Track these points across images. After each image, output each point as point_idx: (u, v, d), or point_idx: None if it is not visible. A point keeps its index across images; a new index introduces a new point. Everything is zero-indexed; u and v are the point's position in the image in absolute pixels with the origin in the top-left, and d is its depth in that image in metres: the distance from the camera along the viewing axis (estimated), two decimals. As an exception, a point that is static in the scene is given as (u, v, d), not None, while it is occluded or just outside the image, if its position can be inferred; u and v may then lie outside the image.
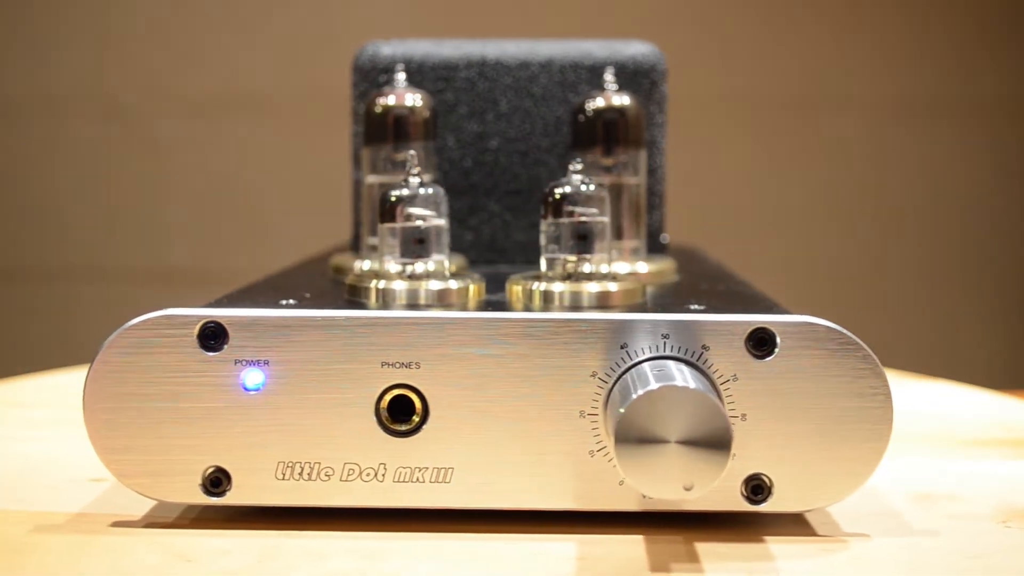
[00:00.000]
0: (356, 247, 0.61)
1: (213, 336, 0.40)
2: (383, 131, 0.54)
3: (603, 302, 0.44)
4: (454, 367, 0.40)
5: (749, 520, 0.42)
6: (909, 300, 1.29)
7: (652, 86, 0.59)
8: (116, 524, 0.41)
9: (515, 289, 0.46)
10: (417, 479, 0.40)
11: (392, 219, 0.46)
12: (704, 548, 0.39)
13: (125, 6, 1.17)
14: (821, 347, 0.40)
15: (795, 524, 0.42)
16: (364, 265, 0.53)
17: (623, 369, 0.40)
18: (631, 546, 0.39)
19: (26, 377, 0.69)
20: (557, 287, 0.45)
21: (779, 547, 0.39)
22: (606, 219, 0.46)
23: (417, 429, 0.40)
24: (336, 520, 0.41)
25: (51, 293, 1.14)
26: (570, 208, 0.46)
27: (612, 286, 0.44)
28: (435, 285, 0.44)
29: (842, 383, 0.40)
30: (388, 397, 0.40)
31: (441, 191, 0.46)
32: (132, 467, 0.40)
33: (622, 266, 0.53)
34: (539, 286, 0.45)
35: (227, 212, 1.09)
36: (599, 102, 0.54)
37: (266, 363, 0.40)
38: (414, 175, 0.47)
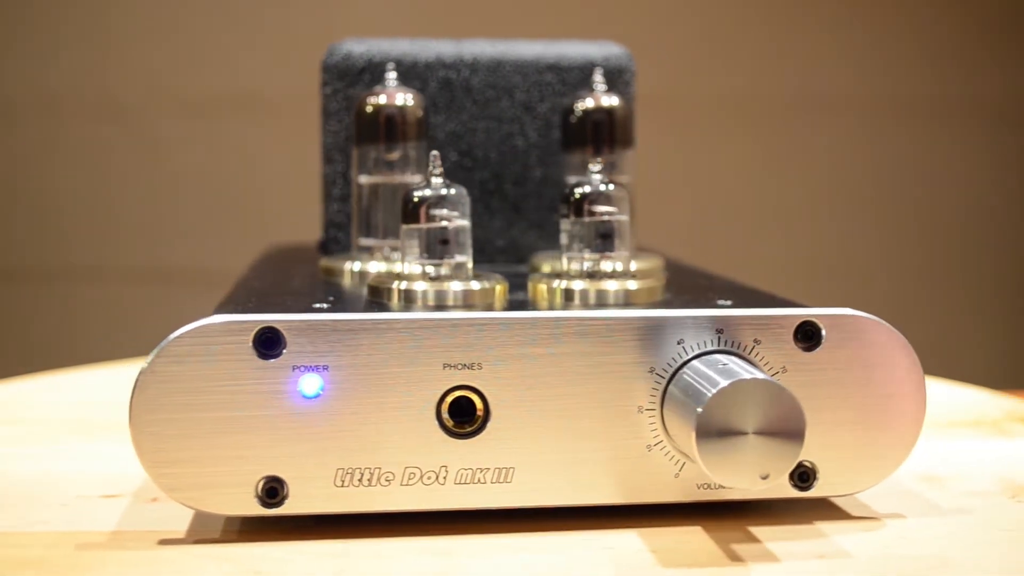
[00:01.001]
0: (327, 248, 0.60)
1: (269, 342, 0.39)
2: (375, 131, 0.53)
3: (628, 300, 0.45)
4: (516, 367, 0.40)
5: (786, 506, 0.43)
6: (908, 300, 1.31)
7: (624, 87, 0.60)
8: (165, 541, 0.39)
9: (540, 288, 0.46)
10: (479, 480, 0.40)
11: (416, 220, 0.46)
12: (763, 533, 0.40)
13: (125, 6, 1.16)
14: (862, 338, 0.41)
15: (826, 508, 0.43)
16: (355, 266, 0.52)
17: (680, 364, 0.41)
18: (695, 536, 0.40)
19: (10, 381, 0.66)
20: (578, 285, 0.45)
21: (830, 528, 0.41)
22: (626, 218, 0.47)
23: (479, 430, 0.40)
24: (394, 524, 0.40)
25: (51, 293, 1.12)
26: (591, 207, 0.47)
27: (632, 284, 0.45)
28: (460, 286, 0.44)
29: (881, 372, 0.42)
30: (449, 399, 0.40)
31: (463, 191, 0.46)
32: (182, 480, 0.39)
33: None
34: (561, 284, 0.45)
35: (227, 212, 1.06)
36: (589, 103, 0.55)
37: (325, 368, 0.39)
38: (436, 175, 0.46)
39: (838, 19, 1.29)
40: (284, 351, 0.39)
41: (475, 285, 0.44)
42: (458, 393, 0.40)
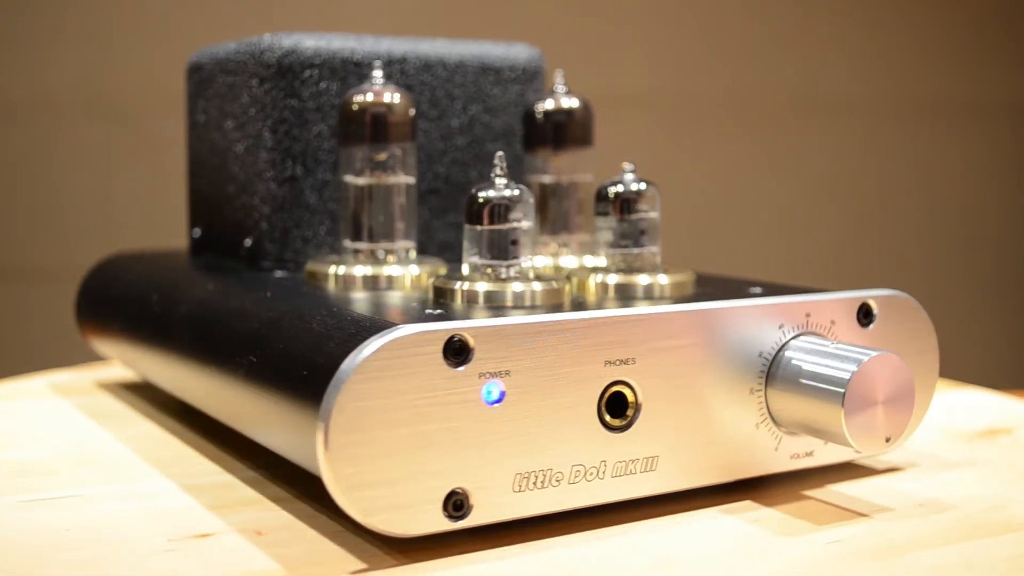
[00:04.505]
0: (249, 254, 0.56)
1: (458, 350, 0.38)
2: (362, 130, 0.51)
3: (674, 292, 0.48)
4: (662, 359, 0.42)
5: (829, 468, 0.49)
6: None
7: (540, 86, 0.62)
8: (358, 572, 0.37)
9: (587, 284, 0.48)
10: (630, 471, 0.42)
11: (482, 221, 0.46)
12: (853, 491, 0.45)
13: (125, 6, 1.07)
14: (898, 314, 0.48)
15: (850, 467, 0.49)
16: (339, 270, 0.50)
17: (780, 346, 0.44)
18: (810, 501, 0.44)
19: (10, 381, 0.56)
20: (613, 279, 0.48)
21: (886, 482, 0.47)
22: (656, 215, 0.50)
23: (631, 423, 0.41)
24: (550, 523, 0.41)
25: (51, 293, 1.01)
26: (625, 206, 0.49)
27: (663, 278, 0.49)
28: (524, 286, 0.44)
29: (911, 342, 0.48)
30: (607, 394, 0.41)
31: (527, 191, 0.46)
32: (376, 503, 0.37)
33: (574, 260, 0.56)
34: (609, 279, 0.47)
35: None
36: (549, 104, 0.57)
37: (507, 373, 0.39)
38: (500, 176, 0.46)
39: (839, 19, 1.30)
40: (472, 359, 0.38)
41: (538, 286, 0.45)
42: (616, 388, 0.41)
